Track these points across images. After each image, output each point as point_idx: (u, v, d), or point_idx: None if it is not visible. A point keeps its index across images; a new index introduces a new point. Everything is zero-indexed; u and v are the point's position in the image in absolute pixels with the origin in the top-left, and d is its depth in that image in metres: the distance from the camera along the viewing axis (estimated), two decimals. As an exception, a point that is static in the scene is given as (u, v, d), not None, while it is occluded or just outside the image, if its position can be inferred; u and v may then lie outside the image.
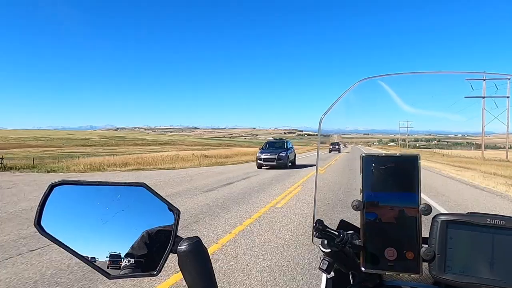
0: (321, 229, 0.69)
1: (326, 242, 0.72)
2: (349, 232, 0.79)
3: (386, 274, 0.72)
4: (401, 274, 0.71)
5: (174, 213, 0.55)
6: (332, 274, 0.78)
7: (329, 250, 0.72)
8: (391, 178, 0.72)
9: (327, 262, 0.71)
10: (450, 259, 0.68)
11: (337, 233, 0.70)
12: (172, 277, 3.35)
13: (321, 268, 0.71)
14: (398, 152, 0.73)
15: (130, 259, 0.55)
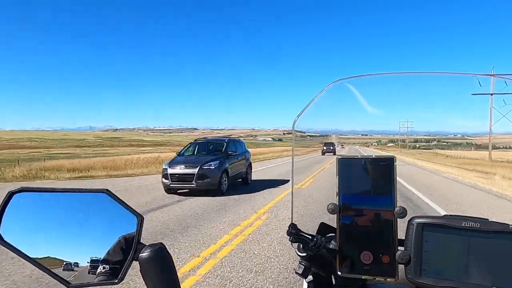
0: (294, 233, 0.69)
1: (301, 246, 0.72)
2: (329, 235, 0.78)
3: (363, 278, 0.72)
4: (377, 278, 0.71)
5: (137, 219, 0.55)
6: (311, 277, 0.78)
7: (304, 254, 0.72)
8: (367, 181, 0.71)
9: (303, 266, 0.71)
10: (425, 263, 0.67)
11: (310, 237, 0.70)
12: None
13: (297, 272, 0.71)
14: (374, 154, 0.72)
15: (95, 266, 0.54)
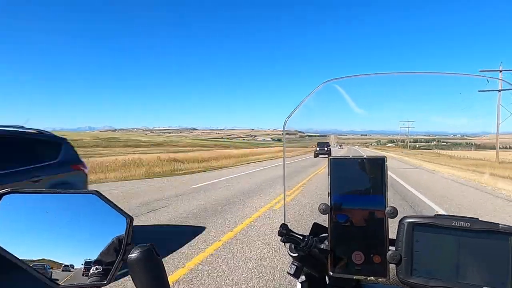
0: (285, 233, 0.70)
1: (293, 246, 0.73)
2: (322, 235, 0.79)
3: (354, 278, 0.73)
4: (368, 278, 0.72)
5: (126, 220, 0.56)
6: (303, 278, 0.79)
7: (296, 254, 0.72)
8: (359, 181, 0.72)
9: (295, 267, 0.72)
10: (416, 262, 0.68)
11: (301, 237, 0.71)
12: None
13: (289, 272, 0.72)
14: (366, 155, 0.73)
15: (89, 268, 0.55)
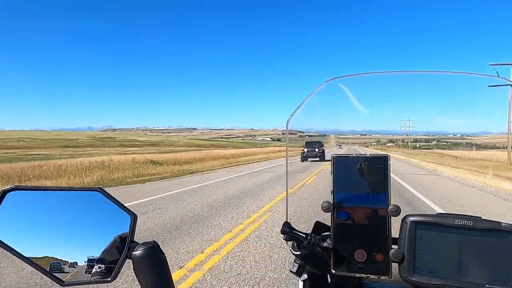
0: (288, 231, 0.70)
1: (296, 244, 0.73)
2: (324, 233, 0.80)
3: (356, 276, 0.74)
4: (371, 276, 0.73)
5: (130, 217, 0.57)
6: (306, 276, 0.79)
7: (299, 252, 0.73)
8: (361, 179, 0.73)
9: (297, 265, 0.73)
10: (419, 261, 0.69)
11: (304, 235, 0.72)
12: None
13: (291, 270, 0.73)
14: (368, 153, 0.74)
15: (92, 266, 0.55)
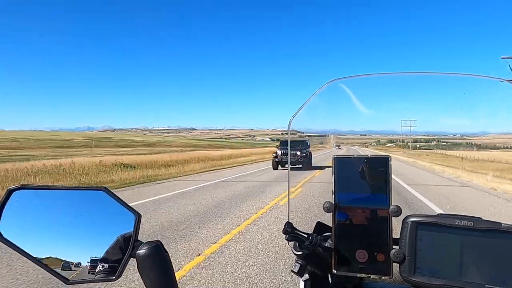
0: (289, 231, 0.72)
1: (297, 244, 0.75)
2: (325, 234, 0.81)
3: (358, 276, 0.75)
4: (372, 276, 0.74)
5: (134, 217, 0.58)
6: (307, 276, 0.81)
7: (300, 252, 0.74)
8: (363, 180, 0.74)
9: (299, 265, 0.74)
10: (420, 261, 0.70)
11: (306, 235, 0.73)
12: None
13: (293, 270, 0.74)
14: (370, 153, 0.76)
15: (95, 265, 0.57)
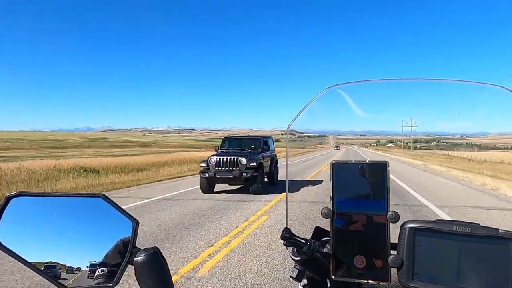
0: (288, 237, 0.73)
1: (296, 250, 0.76)
2: (323, 239, 0.83)
3: (356, 282, 0.76)
4: (370, 282, 0.75)
5: (132, 223, 0.59)
6: (305, 281, 0.82)
7: (299, 258, 0.75)
8: (361, 186, 0.76)
9: (297, 270, 0.75)
10: (418, 267, 0.71)
11: (304, 241, 0.74)
12: None
13: (291, 276, 0.75)
14: (368, 159, 0.77)
15: (94, 270, 0.57)
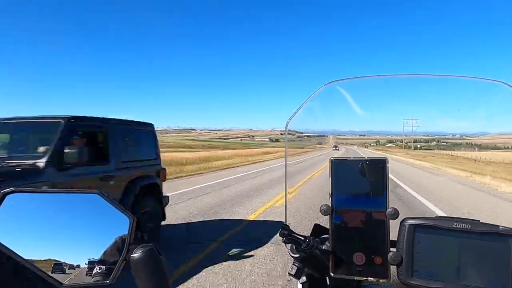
0: (286, 234, 0.73)
1: (294, 247, 0.76)
2: (322, 236, 0.83)
3: (355, 279, 0.76)
4: (369, 279, 0.75)
5: (129, 220, 0.59)
6: (304, 279, 0.82)
7: (298, 255, 0.75)
8: (360, 182, 0.75)
9: (296, 267, 0.75)
10: (417, 264, 0.72)
11: (303, 237, 0.74)
12: None
13: (290, 273, 0.75)
14: (367, 156, 0.77)
15: (92, 267, 0.57)
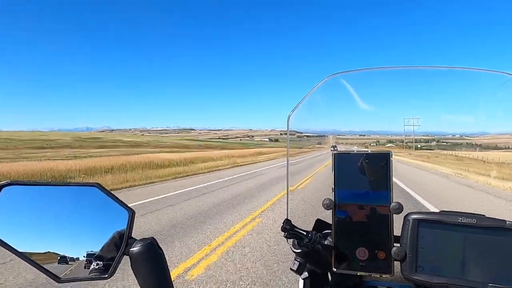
0: (288, 228, 0.72)
1: (296, 242, 0.75)
2: (325, 231, 0.82)
3: (358, 274, 0.76)
4: (372, 274, 0.75)
5: (128, 213, 0.58)
6: (306, 274, 0.81)
7: (299, 250, 0.75)
8: (363, 176, 0.75)
9: (298, 263, 0.74)
10: (421, 259, 0.71)
11: (305, 232, 0.73)
12: None
13: (292, 268, 0.74)
14: (370, 149, 0.76)
15: (91, 261, 0.57)
